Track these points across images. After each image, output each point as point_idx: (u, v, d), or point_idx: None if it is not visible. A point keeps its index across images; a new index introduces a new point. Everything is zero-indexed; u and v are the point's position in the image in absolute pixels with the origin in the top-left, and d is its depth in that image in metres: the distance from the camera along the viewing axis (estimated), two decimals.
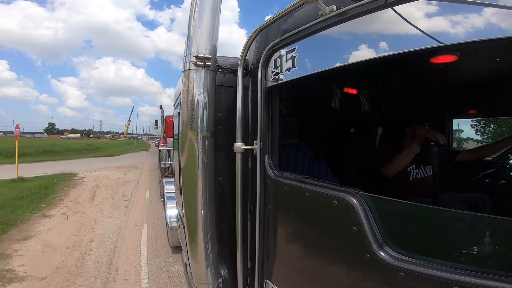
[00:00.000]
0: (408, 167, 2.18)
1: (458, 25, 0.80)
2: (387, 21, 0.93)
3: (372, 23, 0.96)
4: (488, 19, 0.76)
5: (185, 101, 1.47)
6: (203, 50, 1.43)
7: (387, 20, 0.92)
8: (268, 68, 1.39)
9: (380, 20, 0.94)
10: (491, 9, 0.75)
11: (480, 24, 0.77)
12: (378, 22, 0.95)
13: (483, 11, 0.76)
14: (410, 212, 1.07)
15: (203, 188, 1.51)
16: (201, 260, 1.60)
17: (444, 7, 0.83)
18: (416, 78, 2.16)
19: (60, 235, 5.26)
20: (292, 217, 1.33)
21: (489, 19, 0.75)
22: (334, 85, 2.20)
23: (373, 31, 0.97)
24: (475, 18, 0.78)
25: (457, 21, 0.80)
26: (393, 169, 2.09)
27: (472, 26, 0.78)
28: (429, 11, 0.84)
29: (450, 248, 0.91)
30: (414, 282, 0.85)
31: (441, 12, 0.83)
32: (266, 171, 1.40)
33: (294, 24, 1.23)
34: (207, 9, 1.44)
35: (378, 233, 0.94)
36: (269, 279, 1.45)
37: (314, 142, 2.27)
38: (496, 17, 0.75)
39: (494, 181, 2.28)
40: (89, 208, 7.19)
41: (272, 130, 1.41)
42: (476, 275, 0.77)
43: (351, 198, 1.01)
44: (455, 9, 0.81)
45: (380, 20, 0.94)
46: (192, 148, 1.48)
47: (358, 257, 0.98)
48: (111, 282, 3.69)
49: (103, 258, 4.35)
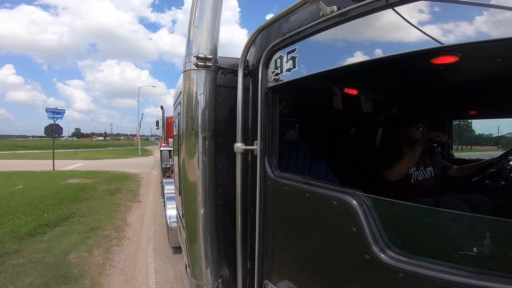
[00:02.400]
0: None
1: (459, 26, 0.80)
2: (388, 22, 0.92)
3: (373, 23, 0.96)
4: (489, 20, 0.76)
5: (186, 101, 1.47)
6: (204, 51, 1.43)
7: (388, 20, 0.92)
8: (269, 68, 1.39)
9: (381, 21, 0.94)
10: (492, 10, 0.75)
11: (481, 24, 0.77)
12: (379, 23, 0.95)
13: (484, 11, 0.76)
14: (410, 213, 1.07)
15: (203, 188, 1.51)
16: (200, 260, 1.60)
17: (445, 8, 0.83)
18: (416, 79, 2.16)
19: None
20: (292, 218, 1.33)
21: (490, 20, 0.75)
22: (334, 86, 2.20)
23: (374, 32, 0.97)
24: (476, 18, 0.78)
25: (458, 21, 0.80)
26: (396, 174, 2.08)
27: (473, 27, 0.78)
28: (430, 12, 0.84)
29: (450, 249, 0.91)
30: (414, 283, 0.85)
31: (442, 12, 0.83)
32: (266, 171, 1.40)
33: (295, 24, 1.22)
34: (207, 9, 1.44)
35: (377, 234, 0.94)
36: (268, 280, 1.45)
37: (315, 143, 2.27)
38: (497, 18, 0.75)
39: (493, 182, 2.28)
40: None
41: (273, 131, 1.41)
42: (476, 276, 0.76)
43: (350, 199, 1.01)
44: (456, 10, 0.81)
45: (381, 21, 0.94)
46: (192, 148, 1.47)
47: (357, 258, 0.98)
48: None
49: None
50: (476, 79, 2.01)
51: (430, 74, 1.92)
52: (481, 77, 1.95)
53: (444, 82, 2.17)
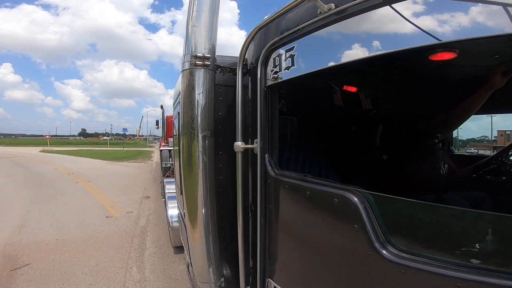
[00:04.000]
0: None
1: (457, 22, 0.80)
2: (386, 19, 0.92)
3: (371, 21, 0.95)
4: (487, 16, 0.75)
5: (185, 100, 1.47)
6: (202, 50, 1.42)
7: (386, 17, 0.92)
8: (267, 67, 1.39)
9: (378, 18, 0.94)
10: (490, 6, 0.75)
11: (480, 20, 0.77)
12: (376, 20, 0.94)
13: (482, 7, 0.76)
14: (411, 210, 1.07)
15: (203, 187, 1.51)
16: (202, 259, 1.60)
17: (442, 4, 0.82)
18: (415, 75, 2.15)
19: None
20: (293, 216, 1.33)
21: (488, 16, 0.75)
22: (333, 83, 2.20)
23: (371, 29, 0.96)
24: (474, 14, 0.77)
25: (456, 17, 0.80)
26: (461, 116, 1.86)
27: (471, 23, 0.78)
28: (427, 8, 0.84)
29: (452, 245, 0.91)
30: (416, 279, 0.85)
31: (439, 8, 0.82)
32: (267, 169, 1.40)
33: (293, 22, 1.22)
34: (205, 8, 1.44)
35: (379, 231, 0.94)
36: (271, 278, 1.46)
37: (315, 140, 2.27)
38: (495, 13, 0.74)
39: (494, 178, 2.27)
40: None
41: (272, 129, 1.41)
42: (478, 272, 0.77)
43: (352, 196, 1.01)
44: (453, 6, 0.81)
45: (378, 18, 0.94)
46: (192, 147, 1.47)
47: (359, 255, 0.98)
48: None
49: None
50: (474, 75, 2.01)
51: (429, 70, 1.91)
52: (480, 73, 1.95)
53: (442, 78, 2.17)
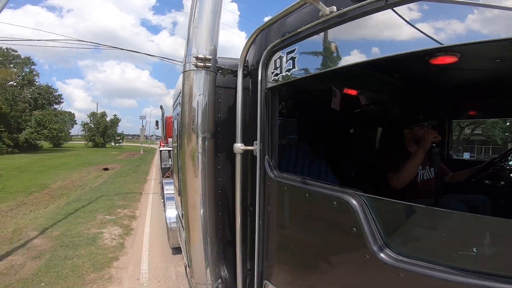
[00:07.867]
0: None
1: (458, 26, 0.80)
2: (388, 22, 0.92)
3: (373, 24, 0.96)
4: (488, 20, 0.76)
5: (185, 102, 1.47)
6: (203, 51, 1.42)
7: (388, 21, 0.92)
8: (268, 69, 1.39)
9: (380, 21, 0.94)
10: (491, 10, 0.75)
11: (481, 25, 0.77)
12: (378, 23, 0.95)
13: (483, 12, 0.76)
14: (410, 213, 1.07)
15: (202, 189, 1.51)
16: (200, 261, 1.60)
17: (444, 8, 0.83)
18: (416, 79, 2.16)
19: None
20: (292, 218, 1.33)
21: (489, 20, 0.75)
22: (334, 86, 2.20)
23: (373, 32, 0.97)
24: (475, 19, 0.78)
25: (458, 22, 0.80)
26: (402, 181, 2.03)
27: (472, 27, 0.78)
28: (429, 12, 0.84)
29: (450, 249, 0.91)
30: (414, 282, 0.85)
31: (441, 13, 0.83)
32: (266, 172, 1.39)
33: (294, 25, 1.22)
34: (207, 9, 1.44)
35: (377, 234, 0.94)
36: (268, 280, 1.45)
37: (314, 142, 2.27)
38: (496, 18, 0.75)
39: (493, 182, 2.28)
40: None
41: (272, 131, 1.41)
42: (475, 276, 0.76)
43: (350, 199, 1.00)
44: (455, 10, 0.81)
45: (380, 21, 0.94)
46: (192, 149, 1.47)
47: (357, 258, 0.98)
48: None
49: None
50: (475, 79, 2.02)
51: (429, 74, 1.92)
52: (481, 77, 1.95)
53: (443, 82, 2.18)
